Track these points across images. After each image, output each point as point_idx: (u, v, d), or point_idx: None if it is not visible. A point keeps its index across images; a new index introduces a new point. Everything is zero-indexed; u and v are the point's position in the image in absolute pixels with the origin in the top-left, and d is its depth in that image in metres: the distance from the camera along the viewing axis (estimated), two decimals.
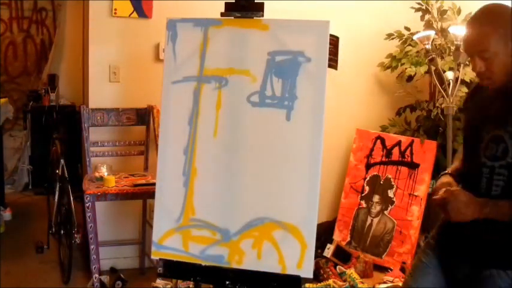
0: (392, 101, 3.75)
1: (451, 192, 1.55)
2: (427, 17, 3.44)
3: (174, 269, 2.18)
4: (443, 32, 3.39)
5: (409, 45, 3.50)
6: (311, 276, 2.08)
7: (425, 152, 3.40)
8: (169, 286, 3.04)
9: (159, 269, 2.19)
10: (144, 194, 2.92)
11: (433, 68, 3.30)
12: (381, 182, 3.52)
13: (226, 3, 2.17)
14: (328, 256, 3.27)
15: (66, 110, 4.78)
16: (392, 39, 3.58)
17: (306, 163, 2.07)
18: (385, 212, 3.47)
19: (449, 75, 3.25)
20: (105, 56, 3.21)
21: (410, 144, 3.47)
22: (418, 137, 3.46)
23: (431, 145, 3.40)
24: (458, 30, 3.17)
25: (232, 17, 2.16)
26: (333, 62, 3.51)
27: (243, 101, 2.12)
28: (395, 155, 3.50)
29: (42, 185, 4.40)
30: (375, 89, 3.81)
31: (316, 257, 2.73)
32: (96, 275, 2.88)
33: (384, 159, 3.54)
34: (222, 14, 2.17)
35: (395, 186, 3.46)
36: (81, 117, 3.10)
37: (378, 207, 3.50)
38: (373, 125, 3.70)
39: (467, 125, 1.73)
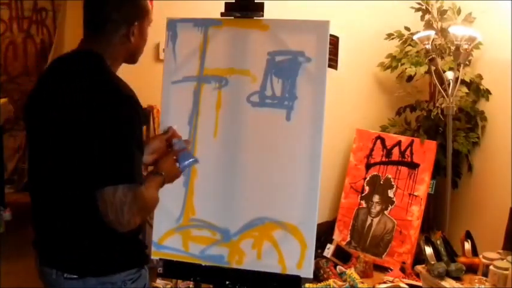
0: (392, 101, 3.75)
1: None
2: (427, 17, 3.44)
3: (174, 269, 2.18)
4: (443, 32, 3.39)
5: (409, 45, 3.50)
6: (311, 276, 2.08)
7: (425, 152, 3.40)
8: (169, 286, 3.04)
9: (159, 269, 2.18)
10: None
11: (433, 68, 3.30)
12: (381, 182, 3.52)
13: (226, 3, 2.16)
14: (328, 256, 3.27)
15: None
16: (392, 39, 3.58)
17: (306, 163, 2.06)
18: (385, 212, 3.47)
19: (449, 75, 3.25)
20: None
21: (410, 144, 3.47)
22: (418, 137, 3.46)
23: (431, 145, 3.40)
24: (458, 30, 3.17)
25: (232, 17, 2.15)
26: (333, 62, 3.51)
27: (243, 101, 2.12)
28: (395, 155, 3.50)
29: None
30: (374, 89, 3.81)
31: (316, 257, 2.73)
32: None
33: (383, 159, 3.54)
34: (222, 14, 2.16)
35: (395, 186, 3.47)
36: None
37: (378, 207, 3.50)
38: (373, 125, 3.70)
39: None
